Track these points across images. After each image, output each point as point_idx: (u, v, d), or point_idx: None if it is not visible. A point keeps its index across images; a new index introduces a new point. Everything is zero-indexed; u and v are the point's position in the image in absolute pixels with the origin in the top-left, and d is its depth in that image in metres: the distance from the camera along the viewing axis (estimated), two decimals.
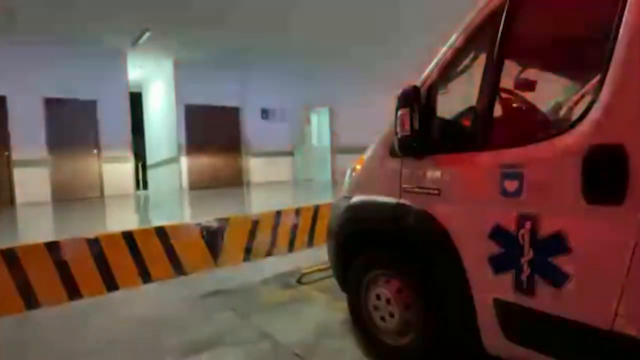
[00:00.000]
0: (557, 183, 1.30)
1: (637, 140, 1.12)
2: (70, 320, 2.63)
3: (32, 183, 8.22)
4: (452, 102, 1.86)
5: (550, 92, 2.16)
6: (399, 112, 1.64)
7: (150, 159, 12.35)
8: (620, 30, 1.16)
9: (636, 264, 1.12)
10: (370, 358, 2.01)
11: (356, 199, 2.12)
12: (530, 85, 2.06)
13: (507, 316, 1.45)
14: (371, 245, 2.05)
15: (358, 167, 2.20)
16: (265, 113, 11.63)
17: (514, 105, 1.95)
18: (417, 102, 1.61)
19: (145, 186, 12.55)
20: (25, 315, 2.47)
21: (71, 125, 8.76)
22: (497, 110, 1.69)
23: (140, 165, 12.08)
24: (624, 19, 1.15)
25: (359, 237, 2.13)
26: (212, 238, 3.36)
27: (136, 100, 11.93)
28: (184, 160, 10.36)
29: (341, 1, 6.76)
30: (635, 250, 1.12)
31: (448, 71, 1.71)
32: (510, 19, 1.45)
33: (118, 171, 9.30)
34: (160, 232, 3.08)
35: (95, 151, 9.08)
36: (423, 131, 1.61)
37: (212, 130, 10.72)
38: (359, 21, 7.63)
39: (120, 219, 6.65)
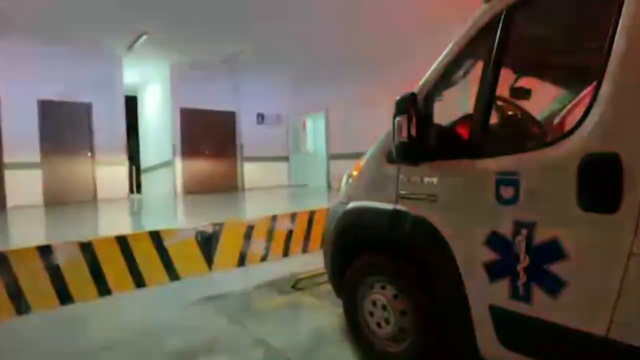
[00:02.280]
0: (553, 190, 1.31)
1: (631, 148, 1.14)
2: (63, 325, 2.59)
3: (24, 186, 8.12)
4: (447, 109, 1.87)
5: (545, 100, 2.19)
6: (397, 119, 1.65)
7: (144, 163, 12.27)
8: (615, 40, 1.18)
9: (630, 272, 1.13)
10: None
11: (353, 204, 2.12)
12: (525, 94, 2.09)
13: (503, 323, 1.45)
14: (367, 251, 2.05)
15: (355, 172, 2.21)
16: (260, 117, 11.63)
17: (510, 113, 1.97)
18: (414, 108, 1.62)
19: (139, 190, 12.45)
20: (17, 320, 2.43)
21: (65, 128, 8.70)
22: (493, 118, 1.71)
23: (134, 168, 11.99)
24: (618, 28, 1.17)
25: (355, 243, 2.13)
26: (207, 243, 3.33)
27: (131, 104, 11.89)
28: (179, 165, 10.32)
29: (339, 7, 6.81)
30: (630, 257, 1.13)
31: (445, 79, 1.72)
32: (507, 29, 1.47)
33: (112, 174, 9.23)
34: (154, 236, 3.05)
35: (89, 154, 9.01)
36: (420, 138, 1.62)
37: (207, 135, 10.70)
38: (357, 26, 7.69)
39: (112, 223, 6.58)
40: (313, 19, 7.34)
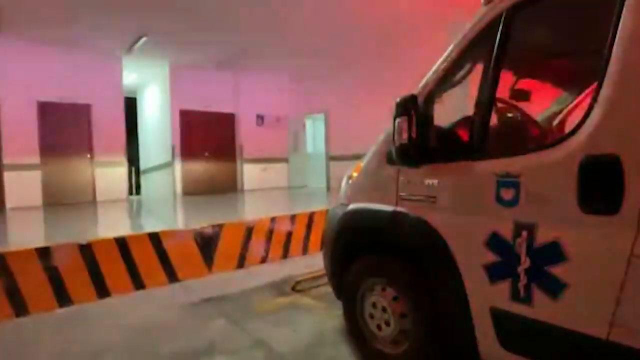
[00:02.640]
0: (554, 192, 1.31)
1: (632, 150, 1.13)
2: (62, 327, 2.58)
3: (23, 187, 8.10)
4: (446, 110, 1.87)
5: (546, 102, 2.19)
6: (397, 120, 1.64)
7: (144, 164, 12.26)
8: (616, 42, 1.18)
9: (631, 274, 1.13)
10: None
11: (353, 206, 2.11)
12: (525, 96, 2.09)
13: (503, 325, 1.44)
14: (367, 252, 2.04)
15: (355, 174, 2.20)
16: (260, 119, 11.62)
17: (510, 115, 1.97)
18: (414, 110, 1.61)
19: (138, 191, 12.44)
20: (16, 322, 2.42)
21: (65, 129, 8.68)
22: (494, 120, 1.71)
23: (134, 170, 11.98)
24: (619, 31, 1.17)
25: (355, 245, 2.12)
26: (206, 244, 3.32)
27: (131, 105, 11.88)
28: (178, 166, 10.30)
29: (339, 7, 6.82)
30: (631, 259, 1.13)
31: (446, 80, 1.72)
32: (507, 30, 1.47)
33: (111, 176, 9.21)
34: (154, 238, 3.04)
35: (88, 155, 9.00)
36: (420, 139, 1.62)
37: (207, 136, 10.68)
38: (356, 28, 7.70)
39: (112, 225, 6.57)
40: (312, 19, 7.34)
